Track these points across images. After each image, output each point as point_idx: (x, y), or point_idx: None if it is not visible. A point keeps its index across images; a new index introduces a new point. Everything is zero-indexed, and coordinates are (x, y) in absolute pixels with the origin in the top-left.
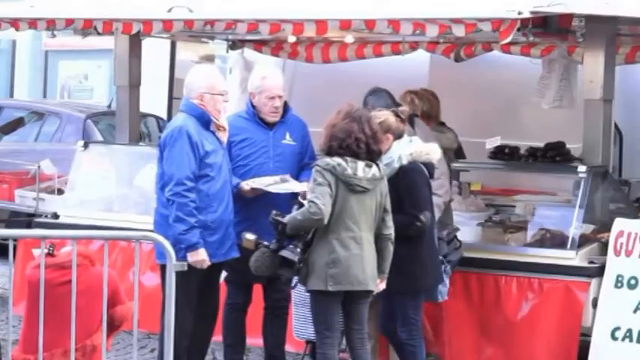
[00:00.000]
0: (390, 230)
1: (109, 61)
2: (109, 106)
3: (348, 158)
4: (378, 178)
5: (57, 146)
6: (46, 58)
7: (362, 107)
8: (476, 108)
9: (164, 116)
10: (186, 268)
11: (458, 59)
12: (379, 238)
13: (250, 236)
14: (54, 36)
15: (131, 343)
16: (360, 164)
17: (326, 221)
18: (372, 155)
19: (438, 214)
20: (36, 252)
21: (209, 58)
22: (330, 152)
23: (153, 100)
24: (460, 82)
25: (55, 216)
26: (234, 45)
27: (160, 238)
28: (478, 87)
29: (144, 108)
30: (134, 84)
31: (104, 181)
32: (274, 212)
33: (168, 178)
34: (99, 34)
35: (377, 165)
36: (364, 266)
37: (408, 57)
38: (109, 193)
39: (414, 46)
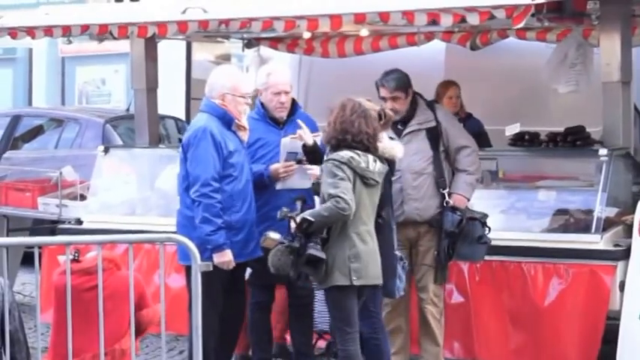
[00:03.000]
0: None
1: (125, 65)
2: (128, 110)
3: (360, 152)
4: (383, 172)
5: (77, 152)
6: (63, 65)
7: (361, 102)
8: (494, 95)
9: (182, 117)
10: (211, 269)
11: (474, 47)
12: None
13: (275, 235)
14: (70, 42)
15: (160, 346)
16: (370, 158)
17: (352, 217)
18: (376, 151)
19: (472, 193)
20: (61, 258)
21: (225, 58)
22: (339, 146)
23: (171, 101)
24: (477, 70)
25: (79, 222)
26: (249, 43)
27: (184, 239)
28: (495, 74)
29: (162, 110)
30: (151, 87)
31: (126, 185)
32: (285, 210)
33: (193, 180)
34: (114, 38)
35: (379, 158)
36: (377, 260)
37: (423, 47)
38: (130, 196)
39: (429, 37)
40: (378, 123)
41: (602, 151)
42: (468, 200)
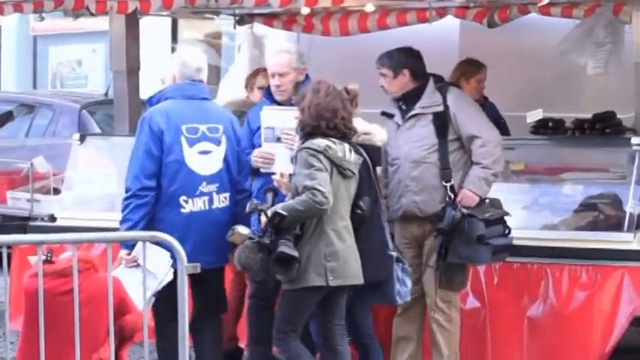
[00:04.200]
0: None
1: (104, 44)
2: (106, 95)
3: (335, 140)
4: (359, 163)
5: (50, 141)
6: (35, 44)
7: (330, 83)
8: (513, 78)
9: None
10: (199, 270)
11: (491, 24)
12: None
13: (244, 230)
14: (42, 19)
15: (142, 356)
16: (346, 147)
17: (329, 211)
18: (351, 137)
19: (486, 189)
20: (32, 259)
21: (215, 36)
22: (313, 133)
23: (154, 85)
24: (495, 50)
25: (52, 218)
26: (242, 20)
27: (169, 237)
28: (515, 54)
29: (144, 94)
30: (133, 68)
31: (104, 178)
32: (255, 202)
33: None
34: (92, 14)
35: (352, 147)
36: (357, 258)
37: (435, 25)
38: (110, 190)
39: (441, 13)
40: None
41: (635, 140)
42: (481, 197)
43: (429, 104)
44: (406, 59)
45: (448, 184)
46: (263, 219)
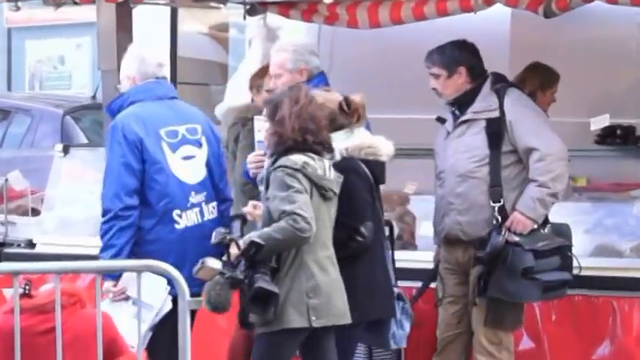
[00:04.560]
0: None
1: (90, 38)
2: (94, 98)
3: (314, 156)
4: (340, 182)
5: (28, 153)
6: (9, 38)
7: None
8: (574, 78)
9: None
10: (202, 306)
11: (548, 14)
12: None
13: (215, 264)
14: (18, 9)
15: None
16: (326, 163)
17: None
18: (332, 151)
19: (542, 212)
20: (8, 292)
21: (221, 29)
22: (293, 149)
23: None
24: (551, 44)
25: (31, 244)
26: (253, 10)
27: (169, 267)
28: (576, 50)
29: None
30: None
31: (91, 196)
32: (222, 231)
33: None
34: (75, 3)
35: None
36: (342, 293)
37: (482, 15)
38: (98, 211)
39: (489, 1)
40: (345, 116)
41: None
42: (534, 221)
43: (483, 108)
44: (461, 54)
45: (497, 205)
46: (233, 250)
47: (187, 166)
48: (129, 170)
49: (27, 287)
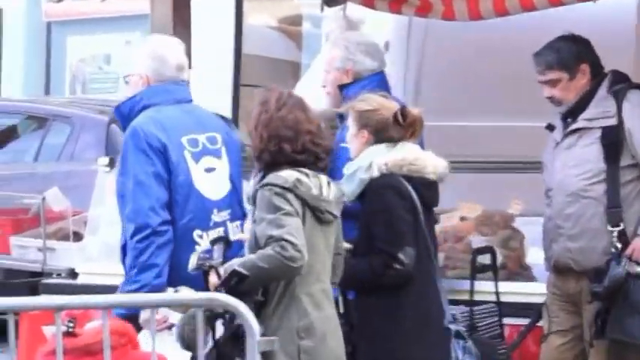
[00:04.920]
0: (337, 280)
1: (141, 33)
2: None
3: (308, 172)
4: (341, 201)
5: (68, 167)
6: (49, 34)
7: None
8: None
9: (227, 113)
10: (277, 347)
11: None
12: None
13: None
14: (59, 0)
15: None
16: (323, 179)
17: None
18: (326, 161)
19: None
20: (48, 331)
21: (293, 22)
22: (273, 163)
23: (210, 89)
24: None
25: (73, 274)
26: (331, 0)
27: (237, 302)
28: None
29: (197, 101)
30: None
31: None
32: (201, 255)
33: None
34: None
35: (330, 180)
36: (338, 330)
37: (602, 5)
38: None
39: None
40: (398, 129)
41: None
42: None
43: (597, 115)
44: (579, 49)
45: (616, 229)
46: (213, 279)
47: (210, 180)
48: (160, 181)
49: (70, 325)
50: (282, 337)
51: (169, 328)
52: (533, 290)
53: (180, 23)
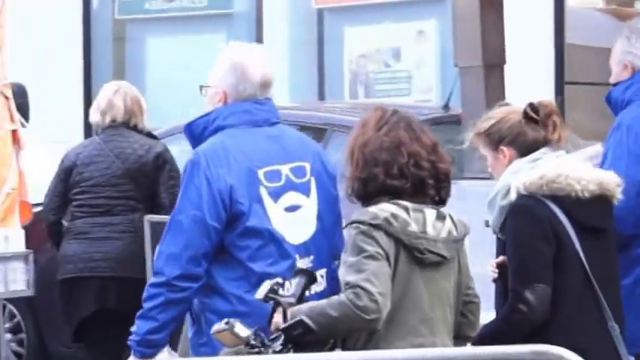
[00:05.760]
0: (472, 334)
1: (436, 22)
2: (446, 107)
3: (408, 204)
4: (458, 239)
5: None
6: (320, 24)
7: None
8: None
9: None
10: None
11: None
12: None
13: (242, 330)
14: None
15: None
16: (430, 214)
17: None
18: (441, 191)
19: None
20: None
21: (624, 2)
22: (366, 195)
23: (528, 88)
24: None
25: None
26: None
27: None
28: None
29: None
30: (494, 62)
31: None
32: (274, 281)
33: None
34: None
35: (449, 215)
36: None
37: None
38: None
39: None
40: (535, 126)
41: None
42: None
43: None
44: None
45: None
46: (277, 318)
47: (291, 221)
48: (201, 227)
49: None
50: None
51: None
52: None
53: (489, 8)
